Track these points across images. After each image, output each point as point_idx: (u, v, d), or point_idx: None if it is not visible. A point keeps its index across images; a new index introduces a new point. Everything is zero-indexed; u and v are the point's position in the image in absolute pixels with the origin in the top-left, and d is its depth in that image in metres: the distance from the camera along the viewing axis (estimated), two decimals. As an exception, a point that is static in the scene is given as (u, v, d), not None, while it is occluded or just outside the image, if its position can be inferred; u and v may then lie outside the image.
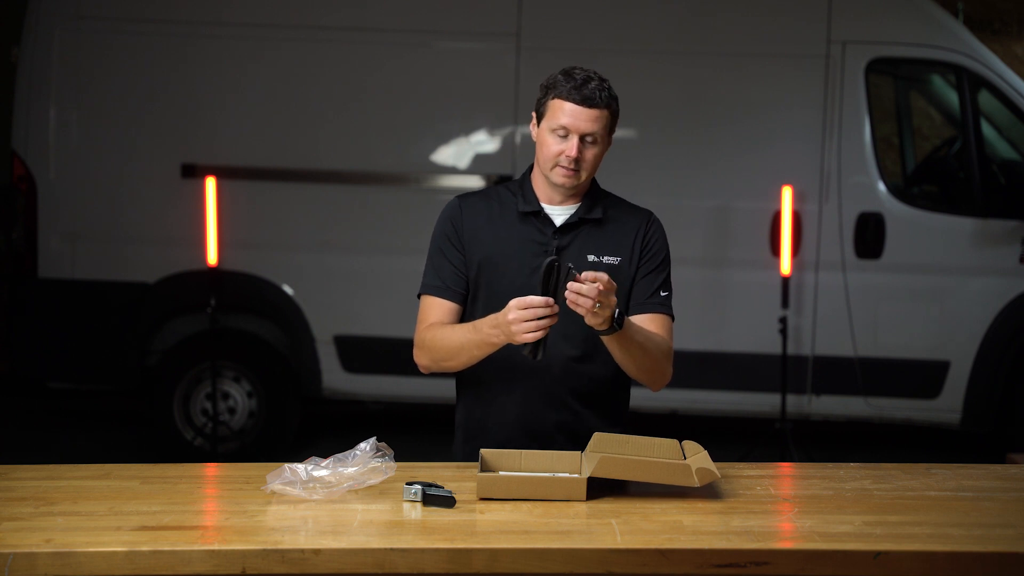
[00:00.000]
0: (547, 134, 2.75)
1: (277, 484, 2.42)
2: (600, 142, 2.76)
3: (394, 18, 5.99)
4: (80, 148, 6.01)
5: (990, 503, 2.48)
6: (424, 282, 2.87)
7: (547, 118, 2.75)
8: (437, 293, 2.84)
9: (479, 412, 2.88)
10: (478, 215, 2.84)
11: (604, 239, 2.82)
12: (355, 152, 6.01)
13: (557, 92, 2.73)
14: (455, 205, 2.87)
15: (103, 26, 5.97)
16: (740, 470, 2.71)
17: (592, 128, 2.72)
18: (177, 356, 6.13)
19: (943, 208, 5.98)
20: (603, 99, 2.74)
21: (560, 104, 2.72)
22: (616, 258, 2.81)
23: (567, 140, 2.73)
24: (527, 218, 2.82)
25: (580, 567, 2.16)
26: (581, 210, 2.83)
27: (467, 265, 2.83)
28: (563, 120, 2.71)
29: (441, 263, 2.85)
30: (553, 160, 2.74)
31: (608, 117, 2.76)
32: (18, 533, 2.21)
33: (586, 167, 2.76)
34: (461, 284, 2.83)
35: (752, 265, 5.92)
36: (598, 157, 2.78)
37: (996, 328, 5.85)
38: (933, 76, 6.45)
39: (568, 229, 2.81)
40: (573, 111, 2.71)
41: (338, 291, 6.04)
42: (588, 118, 2.72)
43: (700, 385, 6.03)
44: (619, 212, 2.88)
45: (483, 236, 2.82)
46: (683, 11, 5.98)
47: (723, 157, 5.94)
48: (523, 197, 2.84)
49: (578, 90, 2.72)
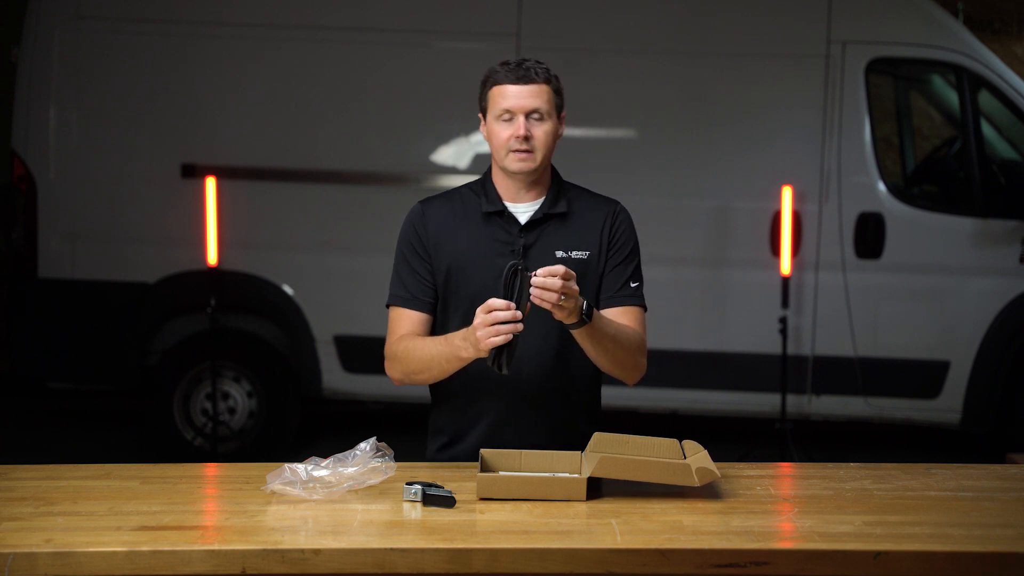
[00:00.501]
0: (494, 124, 2.73)
1: (277, 484, 2.42)
2: (548, 118, 2.73)
3: (394, 18, 5.99)
4: (80, 148, 6.01)
5: (990, 503, 2.48)
6: (391, 292, 2.83)
7: (490, 109, 2.74)
8: (404, 304, 2.80)
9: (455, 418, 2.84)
10: (442, 219, 2.80)
11: (571, 234, 2.79)
12: (355, 152, 6.01)
13: (494, 80, 2.73)
14: (417, 211, 2.83)
15: (103, 26, 5.97)
16: (740, 470, 2.71)
17: (535, 103, 2.71)
18: (177, 356, 6.13)
19: (943, 208, 5.98)
20: (540, 74, 2.73)
21: (499, 90, 2.72)
22: (584, 252, 2.78)
23: (513, 122, 2.71)
24: (491, 218, 2.78)
25: (580, 567, 2.16)
26: (545, 205, 2.79)
27: (434, 272, 2.79)
28: (505, 103, 2.70)
29: (406, 272, 2.81)
30: (505, 147, 2.72)
31: (550, 93, 2.74)
32: (18, 533, 2.21)
33: (539, 146, 2.73)
34: (428, 293, 2.80)
35: (752, 265, 5.91)
36: (549, 135, 2.74)
37: (996, 328, 5.85)
38: (933, 76, 6.45)
39: (533, 226, 2.78)
40: (512, 91, 2.70)
41: (338, 291, 6.04)
42: (528, 94, 2.70)
43: (700, 385, 6.03)
44: (584, 204, 2.84)
45: (448, 240, 2.79)
46: (683, 11, 5.98)
47: (723, 157, 5.94)
48: (486, 197, 2.80)
49: (513, 71, 2.71)
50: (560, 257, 2.75)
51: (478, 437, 2.80)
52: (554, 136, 2.77)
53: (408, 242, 2.82)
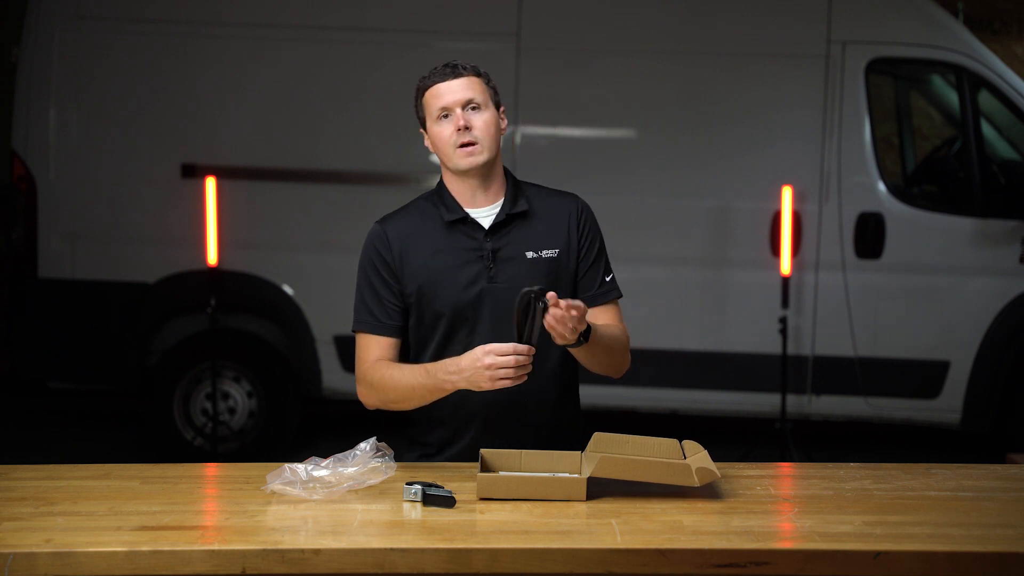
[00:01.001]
0: (435, 127, 2.73)
1: (277, 484, 2.42)
2: (485, 108, 2.71)
3: (394, 18, 5.99)
4: (80, 148, 6.01)
5: (990, 503, 2.48)
6: (356, 317, 2.79)
7: (428, 116, 2.75)
8: (372, 330, 2.76)
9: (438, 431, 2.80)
10: (404, 237, 2.75)
11: (537, 233, 2.75)
12: (355, 152, 6.01)
13: (424, 85, 2.76)
14: (378, 232, 2.79)
15: (103, 26, 5.97)
16: (740, 470, 2.71)
17: (468, 94, 2.70)
18: (177, 356, 6.12)
19: (943, 208, 5.98)
20: (466, 68, 2.73)
21: (432, 91, 2.73)
22: (554, 251, 2.75)
23: (451, 118, 2.70)
24: (454, 226, 2.74)
25: (580, 567, 2.16)
26: (505, 206, 2.75)
27: (403, 292, 2.74)
28: (439, 102, 2.71)
29: (371, 297, 2.77)
30: (450, 144, 2.70)
31: (481, 84, 2.73)
32: (18, 533, 2.21)
33: (481, 135, 2.69)
34: (396, 316, 2.76)
35: (752, 265, 5.91)
36: (490, 124, 2.70)
37: (996, 328, 5.85)
38: (933, 76, 6.45)
39: (498, 229, 2.74)
40: (443, 88, 2.71)
41: (338, 291, 5.97)
42: (459, 87, 2.70)
43: (700, 385, 6.03)
44: (544, 201, 2.80)
45: (415, 257, 2.74)
46: (683, 11, 5.98)
47: (723, 157, 5.94)
48: (444, 206, 2.75)
49: (440, 71, 2.74)
50: (531, 258, 2.73)
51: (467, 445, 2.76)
52: (496, 126, 2.73)
53: (372, 265, 2.78)
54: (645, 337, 5.60)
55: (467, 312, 2.72)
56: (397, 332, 2.77)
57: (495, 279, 2.71)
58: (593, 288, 2.80)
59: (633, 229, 5.81)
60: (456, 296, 2.71)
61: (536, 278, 2.68)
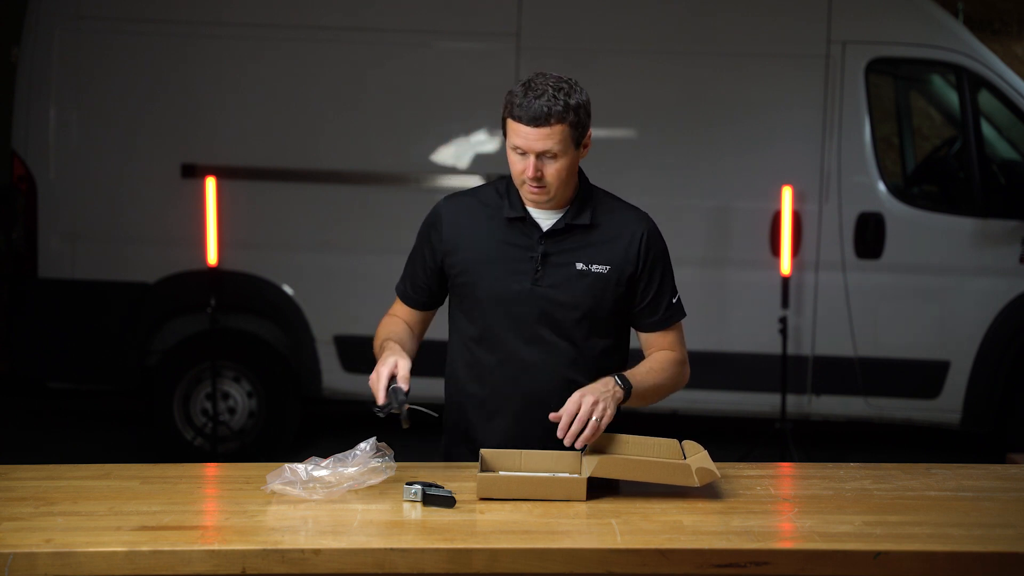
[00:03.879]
0: (510, 151, 2.70)
1: (277, 484, 2.42)
2: (561, 156, 2.65)
3: (394, 18, 5.99)
4: (80, 148, 6.01)
5: (990, 503, 2.48)
6: (401, 279, 2.94)
7: (507, 135, 2.69)
8: (401, 296, 2.93)
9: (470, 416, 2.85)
10: (461, 218, 2.80)
11: (594, 247, 2.76)
12: (355, 152, 6.01)
13: (511, 111, 2.66)
14: (437, 211, 2.85)
15: (103, 26, 5.97)
16: (740, 470, 2.71)
17: (545, 146, 2.63)
18: (177, 356, 6.12)
19: (943, 208, 5.98)
20: (555, 114, 2.61)
21: (513, 125, 2.65)
22: (605, 267, 2.75)
23: (526, 158, 2.66)
24: (513, 223, 2.76)
25: (580, 567, 2.16)
26: (569, 215, 2.75)
27: (443, 270, 2.83)
28: (516, 140, 2.65)
29: (413, 269, 2.90)
30: (519, 177, 2.70)
31: (565, 130, 2.63)
32: (18, 533, 2.21)
33: (552, 183, 2.67)
34: (424, 293, 2.88)
35: (752, 265, 5.92)
36: (563, 170, 2.67)
37: (996, 328, 5.85)
38: (933, 76, 6.45)
39: (554, 235, 2.75)
40: (524, 132, 2.63)
41: (338, 291, 6.03)
42: (539, 137, 2.62)
43: (700, 385, 6.00)
44: (612, 216, 2.80)
45: (465, 240, 2.79)
46: (683, 11, 5.98)
47: (723, 157, 5.94)
48: (509, 201, 2.77)
49: (527, 108, 2.61)
50: (580, 269, 2.73)
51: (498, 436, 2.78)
52: (571, 169, 2.71)
53: (423, 237, 2.87)
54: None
55: (506, 307, 2.75)
56: (420, 305, 2.90)
57: (539, 282, 2.73)
58: (658, 314, 2.82)
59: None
60: (498, 288, 2.75)
61: (579, 290, 2.72)
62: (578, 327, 2.75)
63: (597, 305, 2.74)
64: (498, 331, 2.76)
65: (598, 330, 2.78)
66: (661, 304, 2.82)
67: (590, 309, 2.75)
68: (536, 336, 2.74)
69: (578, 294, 2.73)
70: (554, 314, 2.74)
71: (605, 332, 2.79)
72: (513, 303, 2.74)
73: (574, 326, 2.75)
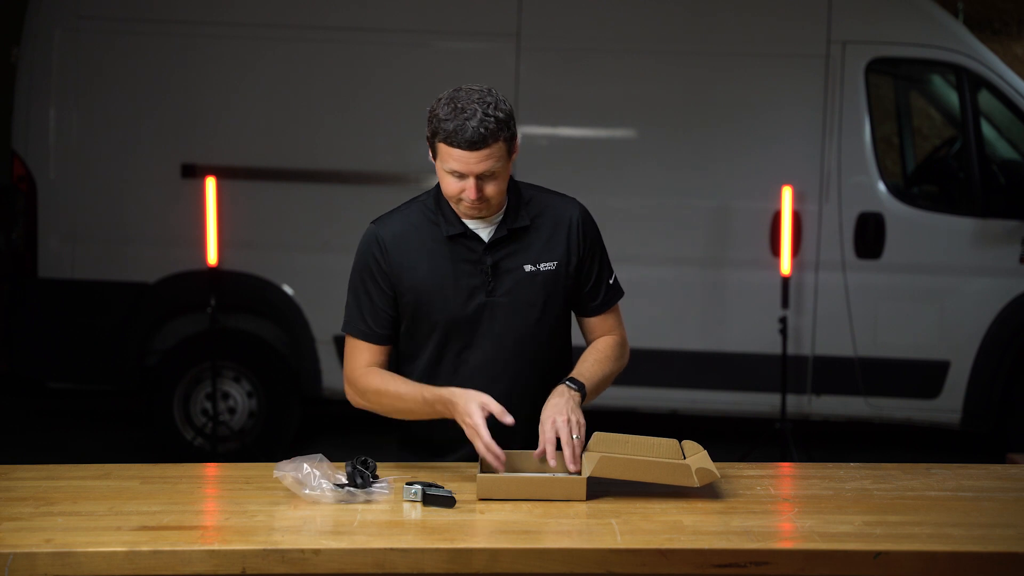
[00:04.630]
0: (443, 173, 2.61)
1: (289, 478, 2.41)
2: (500, 171, 2.60)
3: (394, 18, 5.99)
4: (80, 148, 6.01)
5: (990, 503, 2.48)
6: (348, 320, 2.76)
7: (439, 159, 2.60)
8: (364, 337, 2.74)
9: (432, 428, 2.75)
10: (402, 244, 2.71)
11: (537, 246, 2.73)
12: (355, 152, 6.01)
13: (441, 137, 2.56)
14: (373, 235, 2.75)
15: (103, 26, 5.97)
16: (740, 470, 2.71)
17: (485, 167, 2.56)
18: (177, 356, 6.13)
19: (943, 208, 5.98)
20: (491, 134, 2.54)
21: (446, 149, 2.56)
22: (553, 263, 2.73)
23: (464, 180, 2.59)
24: (454, 239, 2.70)
25: (580, 567, 2.16)
26: (508, 221, 2.71)
27: (397, 298, 2.72)
28: (454, 165, 2.57)
29: (365, 303, 2.73)
30: (455, 197, 2.64)
31: (502, 146, 2.58)
32: (18, 533, 2.21)
33: (492, 198, 2.63)
34: (388, 324, 2.73)
35: (752, 265, 5.91)
36: (502, 183, 2.63)
37: (996, 328, 5.85)
38: (933, 76, 6.45)
39: (498, 243, 2.71)
40: (461, 157, 2.55)
41: (338, 291, 5.93)
42: (479, 160, 2.55)
43: (700, 385, 6.03)
44: (545, 210, 2.76)
45: (413, 266, 2.70)
46: (683, 11, 5.98)
47: (723, 157, 5.94)
48: (444, 218, 2.70)
49: (460, 133, 2.53)
50: (529, 271, 2.71)
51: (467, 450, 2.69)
52: (506, 179, 2.66)
53: (368, 269, 2.74)
54: (645, 337, 5.60)
55: (464, 325, 2.71)
56: (386, 340, 2.75)
57: (493, 292, 2.71)
58: (599, 297, 2.82)
59: (633, 229, 5.81)
60: (454, 309, 2.70)
61: (533, 291, 2.71)
62: (538, 327, 2.74)
63: (552, 302, 2.72)
64: (458, 350, 2.72)
65: (556, 327, 2.78)
66: (601, 287, 2.82)
67: (547, 308, 2.74)
68: (497, 346, 2.71)
69: (534, 296, 2.71)
70: (513, 321, 2.71)
71: (561, 327, 2.80)
72: (472, 319, 2.70)
73: (535, 327, 2.73)
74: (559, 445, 2.58)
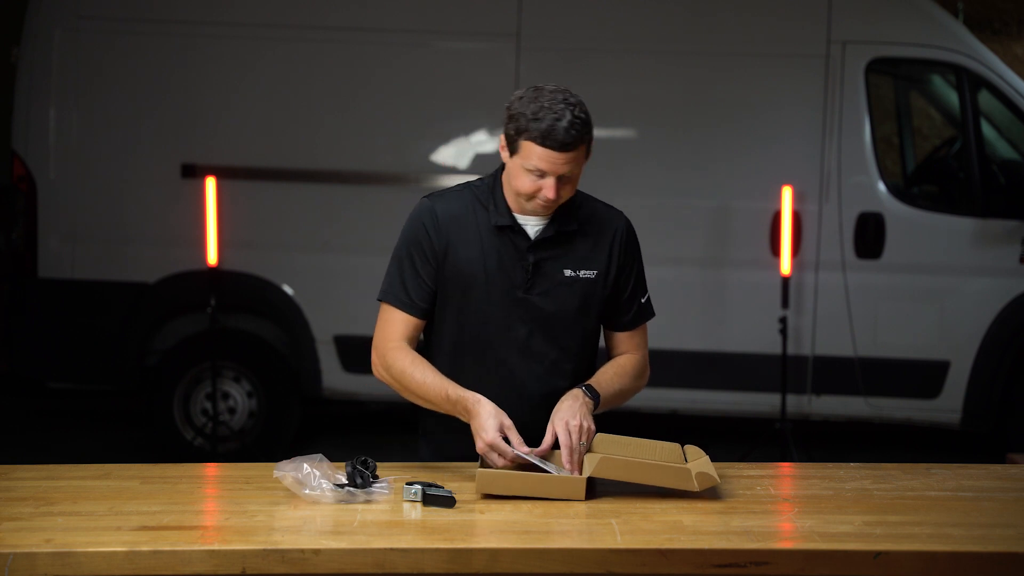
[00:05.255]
0: (521, 170, 2.60)
1: (289, 478, 2.41)
2: (577, 175, 2.63)
3: (394, 18, 6.00)
4: (80, 148, 6.01)
5: (990, 503, 2.48)
6: (388, 289, 2.74)
7: (520, 155, 2.59)
8: (402, 307, 2.72)
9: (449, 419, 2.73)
10: (455, 223, 2.71)
11: (580, 253, 2.73)
12: (355, 152, 6.01)
13: (529, 135, 2.55)
14: (428, 210, 2.72)
15: (103, 26, 5.97)
16: (740, 470, 2.71)
17: (568, 169, 2.58)
18: (177, 356, 6.13)
19: (943, 208, 5.98)
20: (580, 136, 2.56)
21: (533, 148, 2.56)
22: (592, 272, 2.73)
23: (543, 179, 2.59)
24: (502, 230, 2.71)
25: (580, 567, 2.16)
26: (556, 222, 2.71)
27: (438, 276, 2.71)
28: (539, 164, 2.57)
29: (410, 274, 2.71)
30: (529, 195, 2.64)
31: (583, 149, 2.60)
32: (18, 533, 2.21)
33: (564, 198, 2.66)
34: (428, 299, 2.72)
35: (752, 265, 5.91)
36: (575, 186, 2.67)
37: (996, 328, 5.85)
38: (933, 76, 6.45)
39: (544, 243, 2.71)
40: (548, 157, 2.55)
41: (338, 291, 6.04)
42: (565, 161, 2.57)
43: (700, 385, 6.02)
44: (592, 220, 2.77)
45: (461, 247, 2.70)
46: (683, 11, 5.98)
47: (723, 157, 5.94)
48: (495, 208, 2.70)
49: (551, 136, 2.53)
50: (568, 276, 2.71)
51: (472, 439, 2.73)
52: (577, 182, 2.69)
53: (417, 242, 2.71)
54: (645, 337, 5.60)
55: (496, 317, 2.71)
56: (424, 314, 2.74)
57: (531, 291, 2.71)
58: (630, 313, 2.82)
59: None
60: (489, 298, 2.70)
61: (570, 296, 2.71)
62: (568, 334, 2.75)
63: (587, 310, 2.73)
64: (488, 340, 2.73)
65: (585, 336, 2.78)
66: (634, 303, 2.82)
67: (580, 315, 2.74)
68: (526, 345, 2.71)
69: (569, 301, 2.71)
70: (546, 322, 2.72)
71: (590, 337, 2.80)
72: (506, 313, 2.71)
73: (564, 333, 2.74)
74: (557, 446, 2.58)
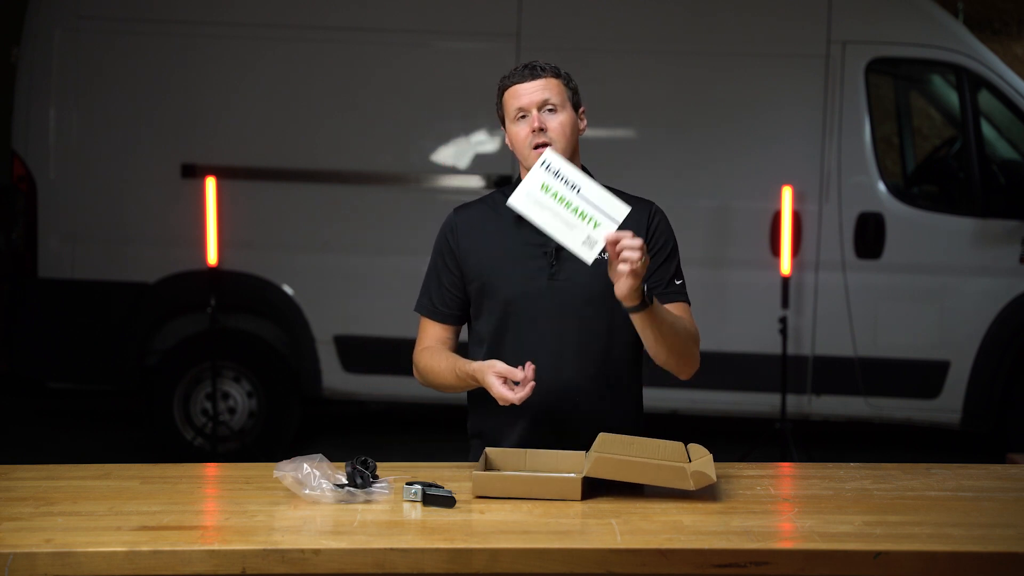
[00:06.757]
0: (512, 127, 2.75)
1: (289, 478, 2.41)
2: (561, 109, 2.73)
3: (394, 18, 6.00)
4: (80, 148, 6.02)
5: (990, 503, 2.48)
6: (419, 299, 2.89)
7: (507, 115, 2.76)
8: (430, 315, 2.87)
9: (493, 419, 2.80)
10: (473, 227, 2.82)
11: None
12: (355, 152, 6.02)
13: (504, 85, 2.78)
14: (450, 221, 2.86)
15: (103, 26, 5.97)
16: (740, 470, 2.71)
17: (545, 95, 2.72)
18: (177, 356, 6.13)
19: (943, 208, 5.98)
20: (547, 68, 2.75)
21: (511, 91, 2.75)
22: None
23: (528, 118, 2.72)
24: (522, 221, 2.71)
25: (580, 567, 2.16)
26: None
27: (465, 281, 2.81)
28: (517, 103, 2.73)
29: (435, 283, 2.86)
30: (525, 145, 2.72)
31: (560, 85, 2.75)
32: (18, 533, 2.21)
33: (556, 136, 2.71)
34: (454, 305, 2.84)
35: (752, 265, 5.91)
36: (565, 124, 2.73)
37: (996, 328, 5.85)
38: (933, 76, 6.45)
39: None
40: (521, 89, 2.73)
41: (338, 291, 6.04)
42: (536, 88, 2.72)
43: (700, 385, 6.00)
44: None
45: (480, 248, 2.80)
46: (683, 11, 5.98)
47: (723, 157, 5.94)
48: None
49: (520, 72, 2.76)
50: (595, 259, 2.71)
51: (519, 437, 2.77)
52: (572, 127, 2.76)
53: (440, 252, 2.85)
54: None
55: (525, 306, 2.75)
56: (452, 319, 2.86)
57: (556, 276, 2.74)
58: (661, 286, 2.78)
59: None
60: (515, 287, 2.75)
61: (597, 279, 2.68)
62: (599, 318, 2.75)
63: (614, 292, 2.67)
64: (521, 331, 2.76)
65: (618, 319, 2.73)
66: (666, 277, 2.79)
67: (609, 296, 2.68)
68: (559, 333, 2.74)
69: (596, 283, 2.69)
70: (576, 307, 2.74)
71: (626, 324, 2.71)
72: (534, 301, 2.75)
73: (596, 317, 2.75)
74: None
